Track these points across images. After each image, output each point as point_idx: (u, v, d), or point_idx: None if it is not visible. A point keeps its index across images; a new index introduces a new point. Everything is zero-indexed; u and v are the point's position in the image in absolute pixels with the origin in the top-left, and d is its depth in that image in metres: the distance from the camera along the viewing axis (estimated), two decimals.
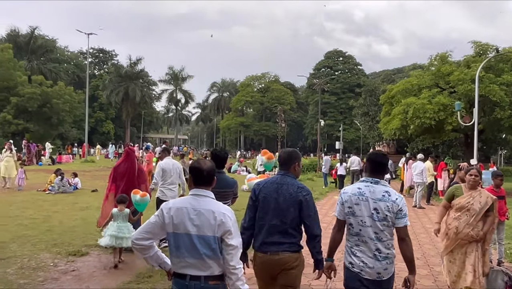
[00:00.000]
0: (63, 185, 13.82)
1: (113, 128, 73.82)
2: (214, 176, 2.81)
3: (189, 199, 2.71)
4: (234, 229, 2.66)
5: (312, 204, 3.42)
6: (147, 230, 2.69)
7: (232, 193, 4.69)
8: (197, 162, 2.82)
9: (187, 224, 2.62)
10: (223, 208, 2.71)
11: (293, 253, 3.39)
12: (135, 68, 66.35)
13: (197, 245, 2.59)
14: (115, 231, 6.03)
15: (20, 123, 44.57)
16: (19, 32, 54.51)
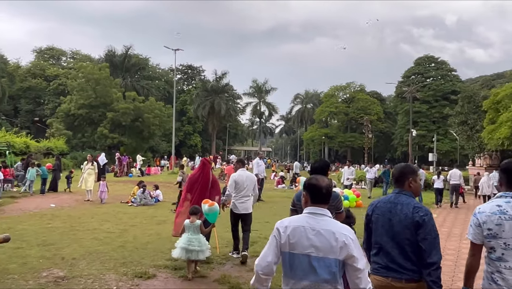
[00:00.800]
0: (145, 197, 13.79)
1: (200, 141, 76.27)
2: (331, 193, 2.73)
3: (306, 218, 2.61)
4: (358, 251, 2.54)
5: (431, 226, 3.08)
6: (270, 254, 2.60)
7: (334, 208, 4.10)
8: (315, 178, 2.70)
9: (305, 244, 2.53)
10: (344, 228, 2.59)
11: (417, 282, 3.09)
12: (220, 83, 68.04)
13: (316, 268, 2.49)
14: (185, 243, 5.95)
15: (115, 137, 47.48)
16: (115, 52, 58.47)
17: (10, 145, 26.01)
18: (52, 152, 39.01)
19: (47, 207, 12.83)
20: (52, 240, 8.08)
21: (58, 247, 7.48)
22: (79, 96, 47.57)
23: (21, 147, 29.38)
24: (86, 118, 48.25)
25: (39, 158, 31.91)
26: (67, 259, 6.72)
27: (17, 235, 8.44)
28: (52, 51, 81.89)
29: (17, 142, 28.32)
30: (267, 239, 2.65)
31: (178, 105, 75.21)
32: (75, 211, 12.14)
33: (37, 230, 8.99)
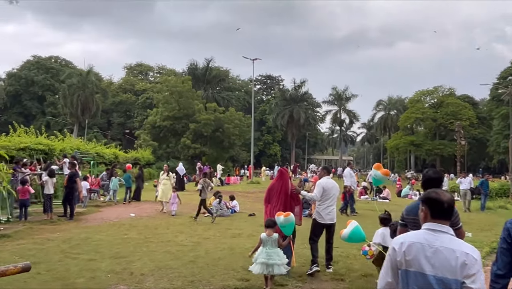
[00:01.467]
0: (221, 208, 13.49)
1: (279, 151, 76.13)
2: (453, 208, 2.58)
3: (424, 234, 2.47)
4: (479, 274, 2.33)
5: None
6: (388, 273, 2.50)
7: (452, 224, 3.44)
8: (435, 192, 2.55)
9: (422, 262, 2.39)
10: (466, 247, 2.41)
11: None
12: (299, 91, 67.50)
13: (434, 287, 2.35)
14: (265, 258, 5.73)
15: (197, 147, 48.80)
16: (197, 66, 60.44)
17: (100, 155, 27.50)
18: (139, 162, 41.00)
19: (127, 217, 13.00)
20: (125, 252, 7.92)
21: (129, 260, 7.26)
22: (164, 109, 49.71)
23: (110, 158, 30.96)
24: (170, 130, 50.21)
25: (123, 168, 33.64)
26: (136, 274, 6.43)
27: (93, 245, 8.44)
28: (140, 67, 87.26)
29: (106, 153, 29.87)
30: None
31: (258, 115, 75.97)
32: (153, 221, 12.13)
33: (113, 241, 8.94)
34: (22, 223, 10.64)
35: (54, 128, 74.57)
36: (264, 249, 5.84)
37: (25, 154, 17.73)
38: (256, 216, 13.61)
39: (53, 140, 21.98)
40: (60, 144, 21.80)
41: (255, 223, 12.12)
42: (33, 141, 18.88)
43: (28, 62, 79.24)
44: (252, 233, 10.31)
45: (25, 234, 9.29)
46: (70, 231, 10.08)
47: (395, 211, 16.75)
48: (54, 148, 20.28)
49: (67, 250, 7.91)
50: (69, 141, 23.83)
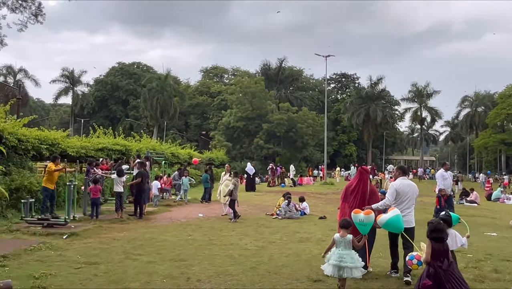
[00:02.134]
0: (290, 210, 12.86)
1: (355, 151, 73.76)
2: None
3: None
4: None
5: None
6: None
7: None
8: None
9: None
10: None
11: None
12: (375, 89, 64.84)
13: None
14: (337, 260, 5.51)
15: (270, 147, 48.67)
16: (270, 66, 60.36)
17: (175, 155, 28.16)
18: (213, 162, 41.70)
19: (194, 217, 12.87)
20: (186, 254, 7.62)
21: (188, 264, 6.92)
22: (238, 110, 50.23)
23: (185, 158, 31.67)
24: (244, 130, 50.64)
25: (201, 167, 34.21)
26: (192, 280, 6.04)
27: (155, 246, 8.27)
28: (216, 70, 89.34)
29: (181, 153, 30.58)
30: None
31: (332, 115, 74.21)
32: (219, 222, 11.85)
33: (176, 242, 8.72)
34: (93, 222, 10.86)
35: (137, 130, 79.18)
36: (337, 250, 5.63)
37: (103, 154, 18.48)
38: (327, 219, 12.83)
39: (130, 141, 22.78)
40: (136, 145, 22.55)
41: (325, 226, 11.36)
42: (110, 142, 19.65)
43: (113, 69, 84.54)
44: (321, 237, 9.60)
45: (93, 233, 9.40)
46: (136, 230, 10.07)
47: (484, 217, 15.06)
48: (130, 148, 21.00)
49: (129, 251, 7.79)
50: (145, 142, 24.60)
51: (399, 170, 7.10)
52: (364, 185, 6.69)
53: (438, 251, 4.79)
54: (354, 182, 6.90)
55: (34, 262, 6.75)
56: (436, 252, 4.78)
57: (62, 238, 8.78)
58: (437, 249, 4.80)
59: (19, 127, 13.59)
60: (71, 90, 66.62)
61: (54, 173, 10.67)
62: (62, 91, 65.57)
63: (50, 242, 8.18)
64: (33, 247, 7.60)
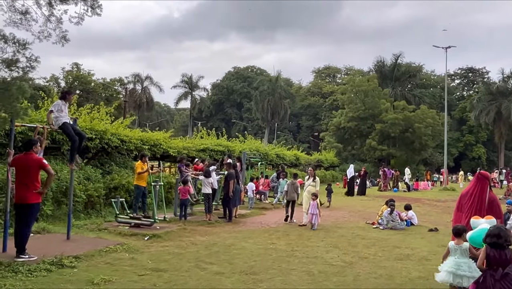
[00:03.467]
0: (392, 219, 11.29)
1: (484, 153, 66.21)
2: None
3: None
4: None
5: None
6: None
7: None
8: None
9: None
10: None
11: None
12: (508, 83, 57.24)
13: None
14: (453, 267, 5.24)
15: (384, 149, 45.70)
16: (384, 63, 57.00)
17: (280, 157, 27.70)
18: (322, 164, 40.51)
19: (288, 222, 12.06)
20: (260, 267, 6.84)
21: (257, 279, 6.14)
22: (349, 110, 48.22)
23: (291, 159, 31.12)
24: (355, 131, 48.41)
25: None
26: None
27: (231, 254, 7.64)
28: (328, 70, 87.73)
29: (287, 155, 30.05)
30: None
31: (457, 113, 67.52)
32: (310, 230, 10.86)
33: (255, 251, 8.00)
34: (182, 223, 10.67)
35: (250, 132, 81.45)
36: (453, 258, 5.33)
37: (205, 155, 18.68)
38: (439, 232, 11.03)
39: (234, 142, 22.87)
40: (240, 145, 22.54)
41: (434, 241, 9.69)
42: (213, 143, 19.83)
43: (229, 73, 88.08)
44: (426, 255, 8.07)
45: (175, 236, 9.13)
46: (219, 235, 9.60)
47: None
48: (233, 148, 21.01)
49: (202, 258, 7.27)
50: (249, 143, 24.54)
51: None
52: (482, 192, 5.86)
53: (493, 258, 4.53)
54: (470, 188, 6.12)
55: (103, 265, 6.57)
56: (491, 259, 4.55)
57: (143, 239, 8.65)
58: (492, 256, 4.54)
59: (123, 128, 14.16)
60: (189, 95, 70.65)
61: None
62: (182, 96, 69.95)
63: (129, 244, 8.05)
64: (109, 248, 7.50)
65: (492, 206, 5.81)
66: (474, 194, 5.92)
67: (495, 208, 5.82)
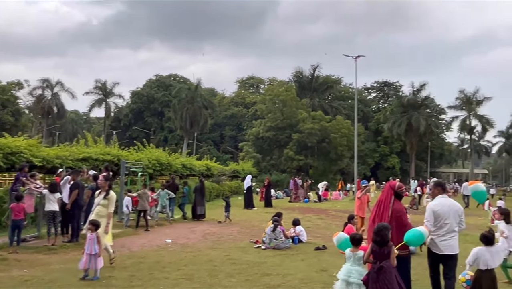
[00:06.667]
0: (276, 237, 9.85)
1: (398, 163, 68.94)
2: None
3: None
4: None
5: None
6: None
7: None
8: None
9: None
10: None
11: None
12: (418, 96, 60.20)
13: None
14: (345, 275, 5.47)
15: (301, 159, 45.45)
16: (303, 73, 57.46)
17: (186, 167, 25.77)
18: (238, 175, 39.10)
19: (159, 243, 10.23)
20: None
21: None
22: (268, 119, 47.59)
23: (202, 170, 29.29)
24: (274, 141, 47.83)
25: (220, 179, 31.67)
26: None
27: None
28: (252, 80, 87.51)
29: (196, 165, 28.17)
30: None
31: (373, 125, 69.88)
32: (177, 254, 9.09)
33: None
34: (12, 250, 8.41)
35: (171, 142, 78.24)
36: (347, 265, 5.59)
37: (87, 165, 16.25)
38: (326, 250, 9.76)
39: (129, 151, 20.57)
40: (135, 155, 20.30)
41: (315, 264, 8.33)
42: (98, 152, 17.42)
43: (150, 81, 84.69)
44: (297, 285, 6.63)
45: None
46: (48, 267, 7.47)
47: None
48: (127, 159, 18.72)
49: None
50: (148, 152, 22.32)
51: (437, 186, 6.20)
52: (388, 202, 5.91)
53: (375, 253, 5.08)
54: (379, 198, 6.22)
55: None
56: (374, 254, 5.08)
57: None
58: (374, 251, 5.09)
59: None
60: (104, 102, 66.50)
61: None
62: (95, 102, 65.55)
63: None
64: None
65: (397, 216, 5.77)
66: (381, 203, 6.00)
67: (399, 219, 5.78)
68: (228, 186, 31.87)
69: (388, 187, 6.13)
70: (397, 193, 5.93)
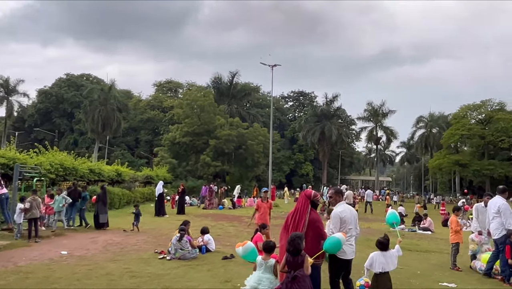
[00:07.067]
0: (182, 247, 9.47)
1: (312, 170, 71.65)
2: None
3: None
4: None
5: None
6: None
7: None
8: None
9: None
10: None
11: None
12: (331, 107, 63.18)
13: None
14: (255, 282, 5.45)
15: (218, 165, 45.22)
16: (222, 79, 57.51)
17: (94, 172, 24.31)
18: (152, 181, 37.82)
19: (53, 256, 9.33)
20: None
21: None
22: (184, 124, 46.75)
23: (112, 175, 27.85)
24: (191, 146, 47.11)
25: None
26: None
27: None
28: (170, 84, 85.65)
29: (105, 170, 26.69)
30: None
31: (289, 133, 71.98)
32: (70, 267, 8.35)
33: None
34: None
35: (82, 145, 73.84)
36: (258, 272, 5.53)
37: None
38: (234, 259, 9.58)
39: (28, 154, 18.85)
40: (35, 159, 18.64)
41: (221, 274, 8.11)
42: None
43: (60, 80, 79.42)
44: None
45: None
46: None
47: (440, 252, 12.24)
48: (24, 162, 17.10)
49: None
50: (51, 156, 20.67)
51: (338, 194, 6.31)
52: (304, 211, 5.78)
53: (289, 262, 5.09)
54: (295, 207, 6.03)
55: None
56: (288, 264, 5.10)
57: None
58: (288, 260, 5.09)
59: None
60: (5, 100, 61.00)
61: None
62: None
63: None
64: None
65: (313, 226, 5.67)
66: (297, 212, 5.85)
67: (316, 228, 5.70)
68: (140, 192, 30.61)
69: (303, 196, 6.07)
70: (313, 202, 5.91)
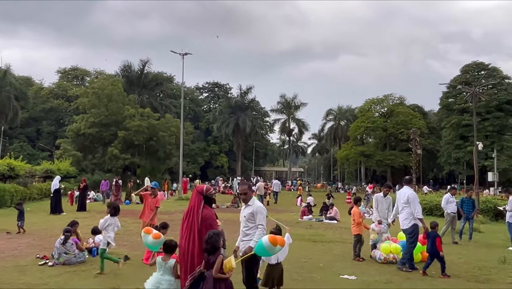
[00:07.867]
0: (66, 251, 8.45)
1: (227, 162, 71.60)
2: None
3: None
4: None
5: None
6: None
7: None
8: None
9: None
10: None
11: None
12: (245, 98, 63.45)
13: None
14: (154, 285, 5.23)
15: (128, 157, 43.08)
16: (132, 68, 54.90)
17: None
18: (53, 175, 34.92)
19: None
20: None
21: None
22: (91, 114, 43.78)
23: (3, 170, 25.15)
24: (97, 138, 44.29)
25: None
26: None
27: None
28: (76, 71, 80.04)
29: None
30: None
31: (204, 124, 71.05)
32: None
33: None
34: None
35: None
36: (157, 274, 5.30)
37: None
38: (129, 261, 8.77)
39: None
40: None
41: (113, 278, 7.33)
42: None
43: None
44: None
45: None
46: None
47: (343, 242, 12.47)
48: None
49: None
50: None
51: (251, 189, 6.18)
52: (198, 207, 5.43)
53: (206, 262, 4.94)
54: (190, 203, 5.61)
55: None
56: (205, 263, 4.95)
57: None
58: (205, 260, 4.95)
59: None
60: None
61: None
62: None
63: None
64: None
65: (205, 223, 5.34)
66: (191, 210, 5.48)
67: (207, 226, 5.34)
68: (37, 188, 28.07)
69: (196, 192, 5.63)
70: (207, 197, 5.50)
